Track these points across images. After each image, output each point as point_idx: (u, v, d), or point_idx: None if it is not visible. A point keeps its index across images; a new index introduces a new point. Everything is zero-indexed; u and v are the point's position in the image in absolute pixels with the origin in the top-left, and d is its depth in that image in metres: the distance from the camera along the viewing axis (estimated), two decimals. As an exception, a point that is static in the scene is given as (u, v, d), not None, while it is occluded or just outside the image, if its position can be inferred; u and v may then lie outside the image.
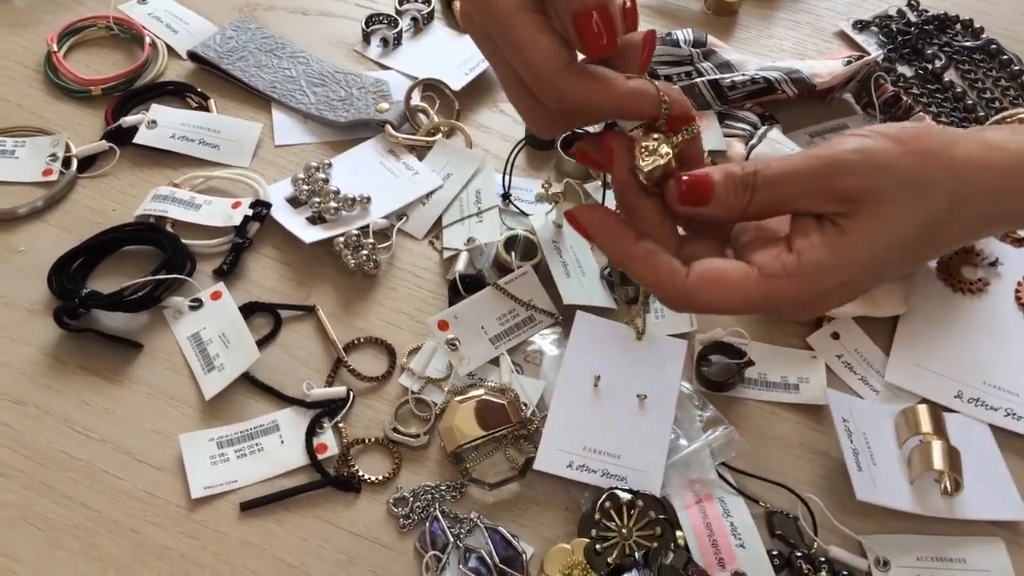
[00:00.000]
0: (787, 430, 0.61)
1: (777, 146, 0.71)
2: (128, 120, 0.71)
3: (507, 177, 0.71)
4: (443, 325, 0.62)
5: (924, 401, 0.61)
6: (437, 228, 0.69)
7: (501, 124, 0.76)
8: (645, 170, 0.41)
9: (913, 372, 0.63)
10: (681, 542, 0.54)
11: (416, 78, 0.77)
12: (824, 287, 0.41)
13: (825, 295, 0.41)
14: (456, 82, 0.78)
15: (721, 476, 0.57)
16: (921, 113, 0.76)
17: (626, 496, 0.55)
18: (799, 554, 0.54)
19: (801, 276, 0.40)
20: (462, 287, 0.65)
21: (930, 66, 0.83)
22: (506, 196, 0.71)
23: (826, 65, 0.77)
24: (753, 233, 0.43)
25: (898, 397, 0.62)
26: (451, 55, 0.80)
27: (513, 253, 0.67)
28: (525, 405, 0.60)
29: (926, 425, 0.58)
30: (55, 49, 0.76)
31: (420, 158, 0.72)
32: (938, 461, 0.56)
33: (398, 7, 0.84)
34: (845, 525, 0.56)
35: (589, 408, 0.59)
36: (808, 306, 0.42)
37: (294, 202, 0.69)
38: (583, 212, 0.43)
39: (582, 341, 0.61)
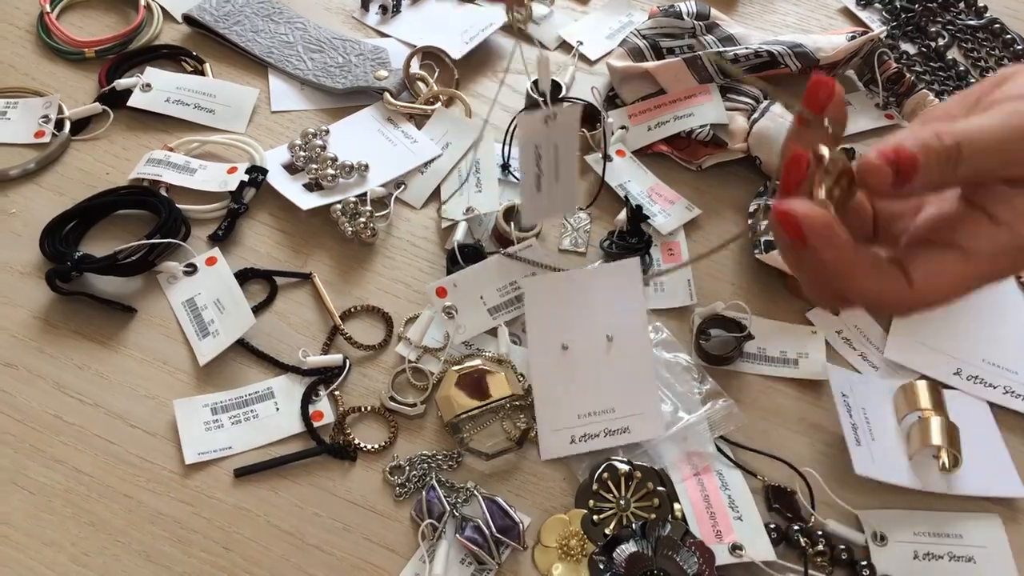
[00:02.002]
0: (786, 404, 0.61)
1: (780, 121, 0.70)
2: (122, 83, 0.70)
3: (507, 147, 0.71)
4: (441, 292, 0.62)
5: (923, 378, 0.61)
6: (436, 198, 0.68)
7: (503, 95, 0.75)
8: (835, 193, 0.37)
9: (913, 349, 0.63)
10: (679, 514, 0.54)
11: (415, 46, 0.76)
12: None
13: None
14: (456, 51, 0.77)
15: (719, 449, 0.57)
16: (924, 91, 0.75)
17: (624, 467, 0.55)
18: (796, 527, 0.54)
19: (1017, 249, 0.38)
20: (460, 257, 0.64)
21: (933, 44, 0.83)
22: (505, 166, 0.70)
23: (830, 40, 0.76)
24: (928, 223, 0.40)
25: (897, 373, 0.62)
26: (451, 24, 0.79)
27: (512, 224, 0.66)
28: (522, 376, 0.59)
29: (925, 401, 0.58)
30: (48, 10, 0.74)
31: (419, 127, 0.72)
32: (936, 437, 0.56)
33: (398, -26, 0.82)
34: (843, 499, 0.55)
35: (567, 374, 0.58)
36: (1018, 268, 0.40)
37: (291, 168, 0.68)
38: (803, 211, 0.36)
39: (538, 308, 0.60)
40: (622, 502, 0.54)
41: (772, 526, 0.54)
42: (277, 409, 0.57)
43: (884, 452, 0.57)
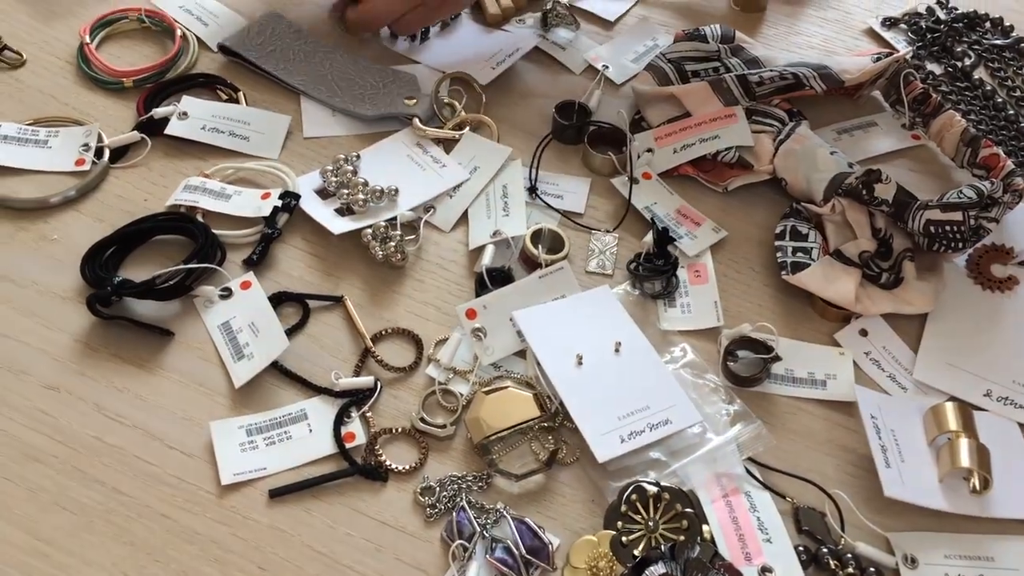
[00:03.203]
0: (814, 426, 0.61)
1: (806, 143, 0.71)
2: (159, 111, 0.72)
3: (534, 171, 0.72)
4: (471, 314, 0.63)
5: (953, 399, 0.61)
6: (465, 221, 0.69)
7: (528, 118, 0.77)
8: None
9: (942, 370, 0.63)
10: (708, 536, 0.54)
11: (443, 72, 0.77)
12: None
13: None
14: (483, 76, 0.78)
15: (748, 471, 0.57)
16: (951, 111, 0.75)
17: (652, 488, 0.55)
18: (826, 550, 0.54)
19: None
20: (489, 280, 0.65)
21: (959, 64, 0.83)
22: (533, 189, 0.71)
23: (855, 62, 0.76)
24: None
25: (926, 395, 0.62)
26: (479, 49, 0.80)
27: (540, 246, 0.67)
28: (550, 399, 0.60)
29: (954, 423, 0.58)
30: (87, 41, 0.77)
31: (448, 151, 0.73)
32: (966, 459, 0.56)
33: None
34: (873, 522, 0.55)
35: (592, 383, 0.60)
36: None
37: (322, 193, 0.69)
38: None
39: (537, 335, 0.62)
40: (651, 523, 0.54)
41: (801, 548, 0.54)
42: (310, 430, 0.58)
43: (914, 474, 0.57)
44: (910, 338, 0.65)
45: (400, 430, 0.58)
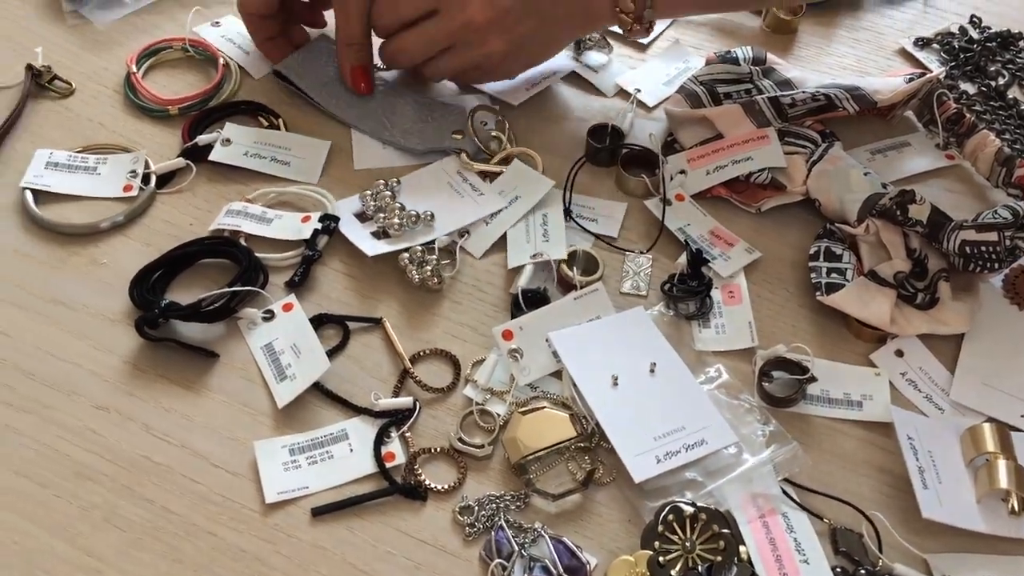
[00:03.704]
0: (851, 447, 0.61)
1: (839, 163, 0.71)
2: (204, 138, 0.74)
3: (568, 193, 0.73)
4: (508, 335, 0.64)
5: (990, 420, 0.61)
6: (499, 247, 0.70)
7: (562, 142, 0.78)
8: None
9: (979, 391, 0.63)
10: (745, 557, 0.54)
11: (481, 92, 0.78)
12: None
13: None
14: (516, 98, 0.79)
15: (784, 492, 0.58)
16: (985, 130, 0.75)
17: (689, 509, 0.56)
18: (864, 571, 0.54)
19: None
20: (524, 302, 0.66)
21: (993, 83, 0.83)
22: (567, 212, 0.72)
23: (887, 82, 0.77)
24: None
25: (964, 415, 0.62)
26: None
27: (574, 268, 0.68)
28: (586, 419, 0.60)
29: (992, 444, 0.58)
30: (134, 70, 0.79)
31: (491, 180, 0.74)
32: (1004, 480, 0.56)
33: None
34: (910, 543, 0.55)
35: (627, 404, 0.60)
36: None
37: (361, 217, 0.71)
38: None
39: (572, 356, 0.63)
40: (687, 544, 0.55)
41: (839, 570, 0.55)
42: (351, 450, 0.59)
43: (952, 495, 0.57)
44: (946, 359, 0.65)
45: (439, 450, 0.59)
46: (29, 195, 0.70)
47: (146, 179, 0.72)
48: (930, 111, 0.77)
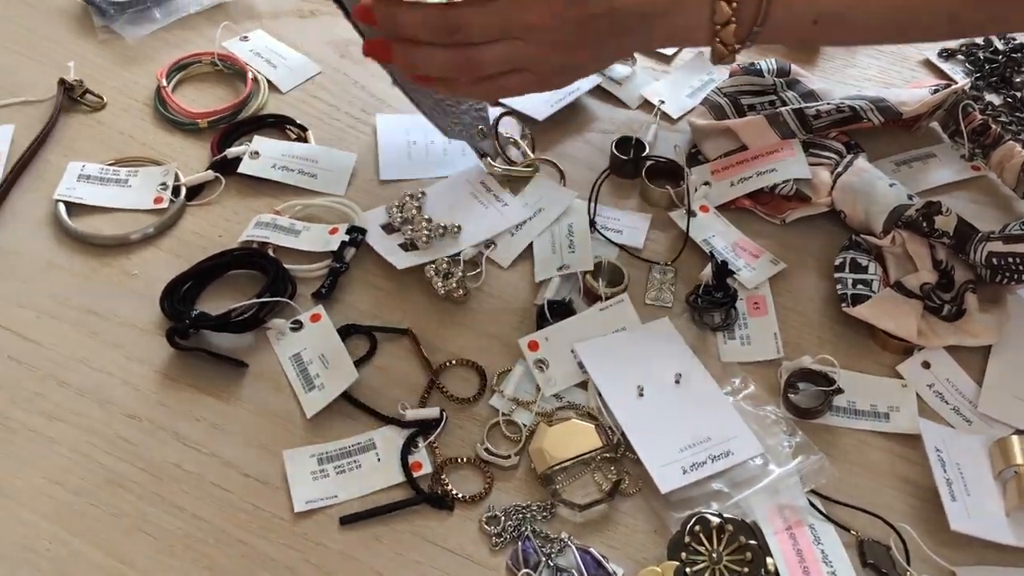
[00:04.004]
0: (878, 458, 0.61)
1: (864, 175, 0.71)
2: (232, 151, 0.75)
3: (593, 204, 0.73)
4: (533, 345, 0.64)
5: (1018, 432, 0.60)
6: (524, 257, 0.71)
7: (587, 154, 0.78)
8: None
9: (1007, 402, 0.63)
10: (772, 568, 0.54)
11: (506, 107, 0.79)
12: None
13: None
14: (542, 113, 0.80)
15: (811, 503, 0.57)
16: (1011, 141, 0.75)
17: (716, 520, 0.56)
18: (892, 583, 0.54)
19: None
20: (549, 313, 0.66)
21: (1019, 94, 0.83)
22: (592, 223, 0.72)
23: (912, 94, 0.77)
24: None
25: (992, 427, 0.62)
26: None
27: (599, 279, 0.68)
28: (611, 430, 0.61)
29: (1020, 456, 0.58)
30: (164, 84, 0.80)
31: (514, 192, 0.75)
32: (1034, 492, 0.56)
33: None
34: (939, 555, 0.55)
35: (653, 414, 0.61)
36: None
37: (388, 228, 0.72)
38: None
39: (598, 366, 0.63)
40: (714, 555, 0.55)
41: (866, 581, 0.54)
42: (378, 460, 0.60)
43: (980, 508, 0.57)
44: (974, 370, 0.65)
45: (465, 460, 0.60)
46: (62, 207, 0.71)
47: (176, 191, 0.73)
48: (955, 122, 0.77)
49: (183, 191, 0.73)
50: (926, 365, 0.65)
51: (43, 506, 0.56)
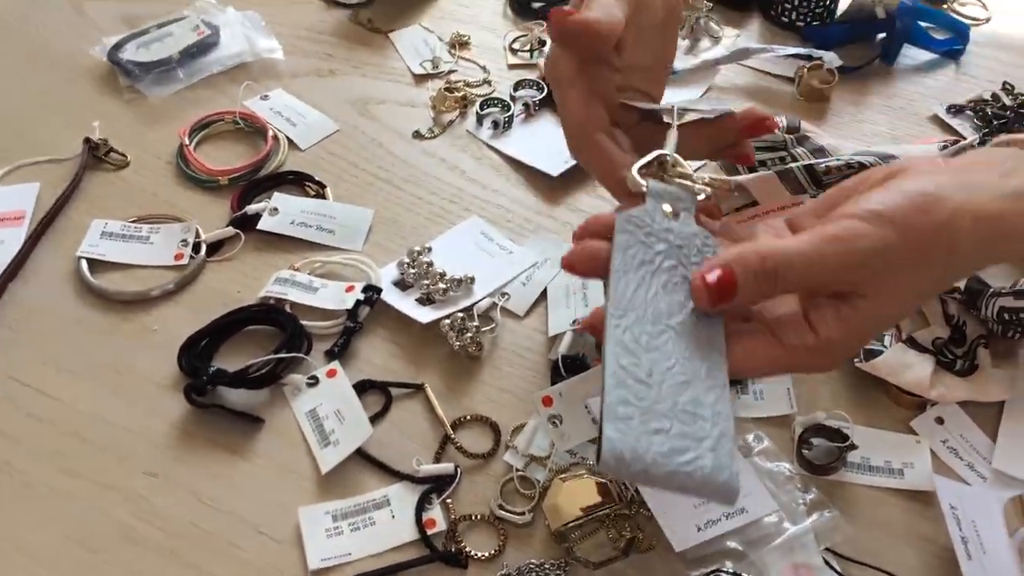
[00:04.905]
0: (893, 515, 0.60)
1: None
2: (252, 208, 0.77)
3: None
4: (547, 401, 0.65)
5: (1035, 489, 0.60)
6: (539, 307, 0.72)
7: (599, 207, 0.79)
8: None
9: (1022, 458, 0.63)
10: (787, 628, 0.54)
11: (519, 161, 0.81)
12: (838, 354, 0.47)
13: (838, 357, 0.48)
14: (555, 168, 0.81)
15: (826, 562, 0.57)
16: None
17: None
18: (909, 644, 0.54)
19: (819, 350, 0.46)
20: (563, 368, 0.67)
21: (1028, 148, 0.83)
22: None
23: (921, 149, 0.77)
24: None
25: (1007, 485, 0.61)
26: (556, 141, 0.83)
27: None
28: (626, 486, 0.61)
29: (1037, 514, 0.58)
30: (186, 142, 0.82)
31: (517, 241, 0.76)
32: (1052, 552, 0.55)
33: (512, 93, 0.89)
34: (956, 615, 0.55)
35: None
36: (823, 366, 0.48)
37: (400, 284, 0.73)
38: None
39: None
40: (729, 614, 0.54)
41: (883, 642, 0.54)
42: (393, 517, 0.60)
43: (997, 567, 0.56)
44: (988, 426, 0.65)
45: (480, 517, 0.60)
46: (84, 264, 0.73)
47: (196, 248, 0.74)
48: (965, 177, 0.78)
49: (203, 247, 0.74)
50: (939, 421, 0.65)
51: (61, 564, 0.57)
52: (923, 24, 0.95)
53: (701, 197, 0.52)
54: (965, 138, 0.82)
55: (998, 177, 0.47)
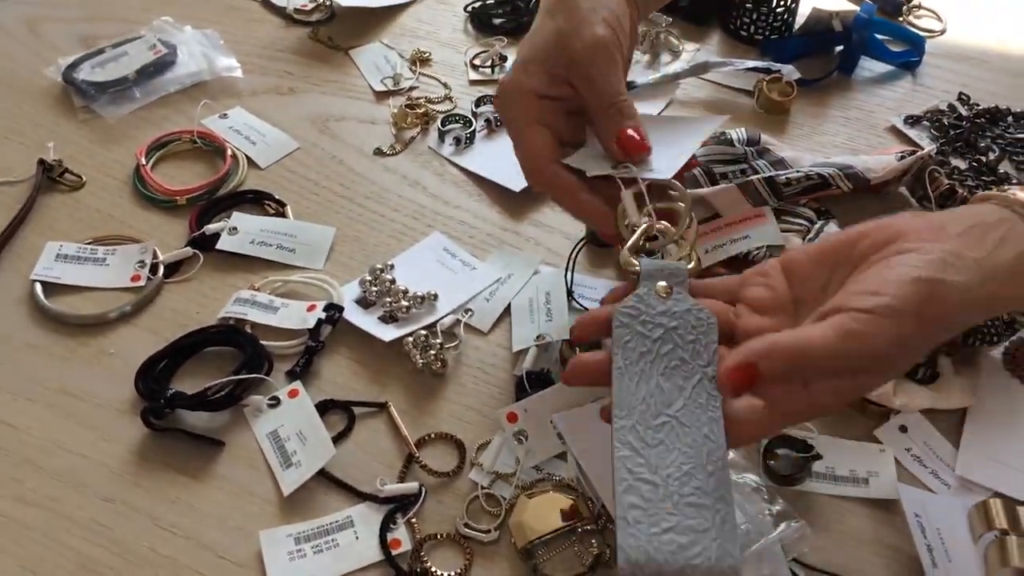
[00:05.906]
0: (859, 525, 0.60)
1: (835, 240, 0.72)
2: (211, 227, 0.76)
3: (569, 274, 0.74)
4: (512, 417, 0.64)
5: (998, 495, 0.60)
6: (502, 323, 0.71)
7: (563, 223, 0.79)
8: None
9: (985, 465, 0.63)
10: (756, 640, 0.53)
11: (481, 176, 0.80)
12: (827, 414, 0.61)
13: (826, 414, 0.60)
14: (517, 183, 0.81)
15: (793, 573, 0.57)
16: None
17: (698, 593, 0.55)
18: (877, 654, 0.53)
19: (811, 413, 0.51)
20: (528, 384, 0.66)
21: (984, 158, 0.85)
22: (570, 293, 0.73)
23: (879, 160, 0.78)
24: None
25: (971, 491, 0.62)
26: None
27: (576, 349, 0.68)
28: (592, 501, 0.60)
29: (1001, 520, 0.58)
30: (143, 162, 0.81)
31: (480, 257, 0.76)
32: (1015, 558, 0.56)
33: (474, 109, 0.88)
34: (923, 623, 0.55)
35: None
36: (809, 420, 0.57)
37: (362, 303, 0.72)
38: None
39: (580, 439, 0.63)
40: (698, 628, 0.54)
41: (852, 652, 0.54)
42: (356, 538, 0.59)
43: (961, 573, 0.56)
44: (951, 434, 0.65)
45: (445, 536, 0.59)
46: (39, 287, 0.71)
47: (154, 269, 0.73)
48: (923, 187, 0.79)
49: (161, 268, 0.73)
50: (903, 429, 0.65)
51: (14, 595, 0.55)
52: (880, 36, 0.96)
53: (691, 266, 0.55)
54: (923, 148, 0.83)
55: (986, 254, 0.50)
